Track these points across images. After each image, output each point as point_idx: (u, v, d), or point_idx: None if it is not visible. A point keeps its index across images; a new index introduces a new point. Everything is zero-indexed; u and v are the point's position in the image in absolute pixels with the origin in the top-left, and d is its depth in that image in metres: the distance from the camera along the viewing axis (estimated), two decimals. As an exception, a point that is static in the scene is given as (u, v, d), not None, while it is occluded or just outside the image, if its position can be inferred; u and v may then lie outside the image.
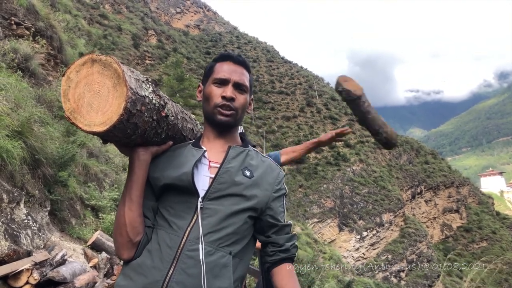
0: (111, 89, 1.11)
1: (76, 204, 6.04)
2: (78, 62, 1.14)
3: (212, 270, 1.22)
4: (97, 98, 1.12)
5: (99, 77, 1.13)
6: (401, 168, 55.00)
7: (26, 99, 5.35)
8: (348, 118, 61.49)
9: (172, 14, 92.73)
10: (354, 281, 21.29)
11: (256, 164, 1.42)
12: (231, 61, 1.46)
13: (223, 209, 1.29)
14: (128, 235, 1.26)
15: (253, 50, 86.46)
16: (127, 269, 1.27)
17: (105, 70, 1.13)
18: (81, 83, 1.13)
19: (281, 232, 1.41)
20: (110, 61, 1.12)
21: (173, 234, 1.25)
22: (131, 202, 1.27)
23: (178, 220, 1.27)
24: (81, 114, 1.12)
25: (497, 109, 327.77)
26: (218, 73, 1.42)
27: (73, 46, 12.34)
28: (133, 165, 1.29)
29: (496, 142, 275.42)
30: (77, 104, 1.12)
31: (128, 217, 1.26)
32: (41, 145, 4.93)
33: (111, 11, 58.02)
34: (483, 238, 54.42)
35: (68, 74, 1.14)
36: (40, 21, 8.47)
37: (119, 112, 1.09)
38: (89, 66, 1.13)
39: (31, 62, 7.10)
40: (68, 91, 1.13)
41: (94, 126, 1.11)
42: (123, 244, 1.27)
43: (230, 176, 1.33)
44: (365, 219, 40.08)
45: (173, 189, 1.31)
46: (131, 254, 1.27)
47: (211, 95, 1.40)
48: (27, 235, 3.88)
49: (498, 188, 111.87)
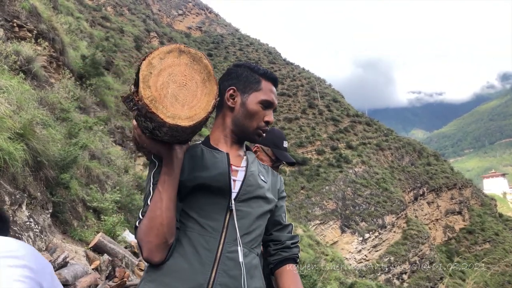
0: (200, 84, 1.09)
1: (78, 206, 6.04)
2: (163, 49, 1.09)
3: (249, 271, 1.25)
4: (184, 91, 1.08)
5: (187, 70, 1.09)
6: (403, 169, 54.84)
7: (28, 101, 5.36)
8: (350, 120, 61.47)
9: (174, 16, 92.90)
10: (356, 283, 21.24)
11: (264, 171, 1.48)
12: (274, 85, 1.47)
13: (253, 211, 1.32)
14: (165, 236, 1.20)
15: (255, 52, 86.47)
16: (158, 275, 1.22)
17: (194, 63, 1.09)
18: (165, 72, 1.08)
19: (283, 230, 1.46)
20: (200, 56, 1.10)
21: (209, 236, 1.24)
22: (169, 202, 1.21)
23: (211, 222, 1.26)
24: (163, 104, 1.06)
25: (500, 111, 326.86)
26: (266, 95, 1.42)
27: (75, 48, 12.38)
28: (171, 163, 1.24)
29: (498, 144, 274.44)
30: (159, 93, 1.06)
31: (167, 217, 1.20)
32: (43, 147, 4.93)
33: (113, 13, 58.15)
34: (486, 240, 54.18)
35: (150, 59, 1.08)
36: (43, 24, 8.49)
37: (208, 110, 1.07)
38: (176, 56, 1.09)
39: (33, 64, 7.12)
40: (149, 77, 1.06)
41: (178, 120, 1.06)
42: (158, 246, 1.20)
43: (255, 179, 1.37)
44: (367, 221, 39.98)
45: (204, 190, 1.29)
46: (164, 257, 1.22)
47: (257, 115, 1.41)
48: (29, 237, 3.88)
49: (501, 190, 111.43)
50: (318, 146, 51.13)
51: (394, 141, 60.69)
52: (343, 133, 56.76)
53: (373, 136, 59.09)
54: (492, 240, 54.01)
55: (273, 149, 2.28)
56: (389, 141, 59.05)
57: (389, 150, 56.67)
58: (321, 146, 51.08)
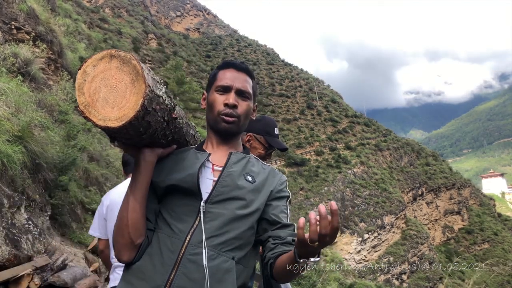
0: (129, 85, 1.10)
1: (76, 209, 6.04)
2: (96, 56, 1.13)
3: (215, 275, 1.20)
4: (114, 93, 1.10)
5: (117, 73, 1.11)
6: (402, 170, 54.89)
7: (26, 103, 5.35)
8: (349, 120, 61.51)
9: (172, 17, 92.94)
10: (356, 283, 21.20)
11: (257, 171, 1.42)
12: (233, 68, 1.46)
13: (227, 213, 1.27)
14: (130, 236, 1.24)
15: (253, 53, 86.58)
16: (128, 274, 1.26)
17: (124, 66, 1.11)
18: (98, 78, 1.12)
19: (283, 228, 1.34)
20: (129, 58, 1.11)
21: (175, 237, 1.24)
22: (136, 203, 1.25)
23: (180, 223, 1.26)
24: (95, 108, 1.10)
25: (498, 111, 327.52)
26: (221, 80, 1.43)
27: (73, 50, 12.37)
28: (139, 166, 1.27)
29: (497, 144, 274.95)
30: (92, 98, 1.10)
31: (131, 218, 1.24)
32: (41, 150, 4.93)
33: (111, 14, 58.17)
34: (484, 240, 54.22)
35: (84, 68, 1.12)
36: (41, 26, 8.48)
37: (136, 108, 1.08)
38: (107, 61, 1.12)
39: (31, 67, 7.11)
40: (83, 84, 1.11)
41: (109, 121, 1.09)
42: (124, 246, 1.25)
43: (232, 179, 1.33)
44: (367, 221, 39.98)
45: (176, 191, 1.31)
46: (132, 257, 1.25)
47: (214, 102, 1.41)
48: (27, 240, 3.86)
49: (500, 190, 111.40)
50: (317, 147, 51.11)
51: (393, 141, 60.75)
52: (341, 133, 56.80)
53: (371, 136, 59.15)
54: (491, 240, 54.06)
55: (265, 136, 2.33)
56: (387, 142, 59.09)
57: (388, 151, 56.71)
58: (320, 147, 51.06)
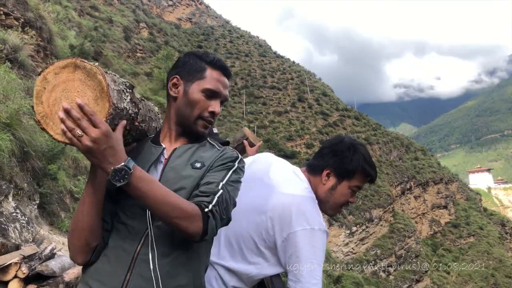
0: (91, 101, 1.04)
1: (65, 198, 6.00)
2: (59, 64, 1.06)
3: (168, 271, 1.19)
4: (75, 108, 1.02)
5: (80, 86, 1.04)
6: (391, 164, 55.40)
7: (15, 90, 5.29)
8: (339, 113, 61.75)
9: (164, 7, 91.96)
10: (343, 275, 21.51)
11: (208, 155, 1.34)
12: (223, 73, 1.39)
13: None
14: (86, 239, 1.20)
15: (245, 45, 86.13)
16: (86, 276, 1.24)
17: (88, 79, 1.04)
18: (59, 88, 1.05)
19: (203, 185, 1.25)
20: (95, 71, 1.04)
21: (130, 238, 1.22)
22: (91, 207, 1.19)
23: (135, 223, 1.23)
24: (53, 121, 1.04)
25: (486, 107, 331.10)
26: (210, 84, 1.35)
27: (63, 37, 12.21)
28: (94, 168, 1.18)
29: (484, 139, 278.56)
30: (50, 109, 1.04)
31: (87, 221, 1.19)
32: (30, 138, 4.88)
33: (102, 2, 57.34)
34: (470, 233, 55.15)
35: (45, 75, 1.05)
36: (30, 12, 8.35)
37: None
38: (71, 71, 1.05)
39: (20, 53, 7.01)
40: (42, 92, 1.05)
41: None
42: (79, 248, 1.21)
43: (176, 171, 1.28)
44: (355, 214, 40.33)
45: None
46: (87, 259, 1.23)
47: (198, 104, 1.33)
48: (15, 229, 3.84)
49: (486, 185, 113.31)
50: (307, 140, 51.30)
51: (382, 135, 61.24)
52: (332, 127, 57.03)
53: (361, 130, 59.51)
54: (477, 234, 55.01)
55: None
56: (377, 136, 59.55)
57: (377, 145, 57.14)
58: (310, 140, 51.26)
